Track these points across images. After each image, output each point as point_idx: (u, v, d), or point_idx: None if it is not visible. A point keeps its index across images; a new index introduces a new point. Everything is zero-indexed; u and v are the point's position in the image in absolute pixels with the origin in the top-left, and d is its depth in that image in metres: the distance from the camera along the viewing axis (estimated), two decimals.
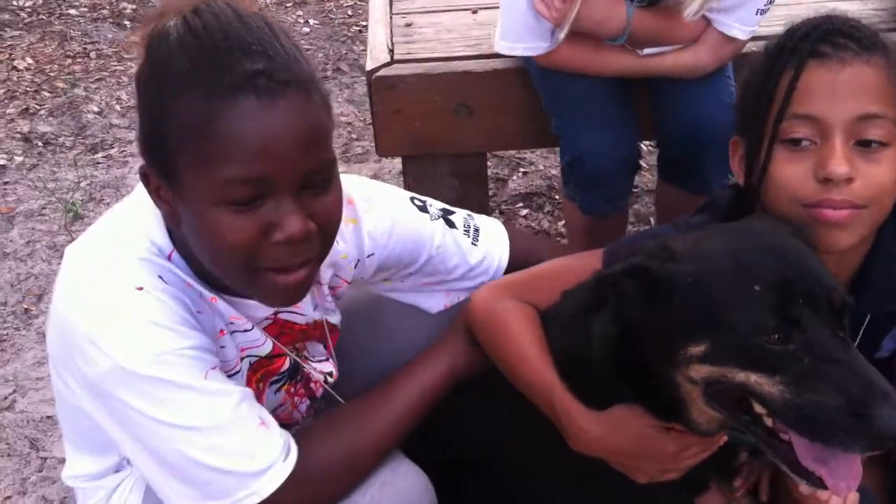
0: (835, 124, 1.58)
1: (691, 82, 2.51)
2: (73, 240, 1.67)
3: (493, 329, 1.81)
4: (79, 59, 4.93)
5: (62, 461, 1.87)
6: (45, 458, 2.63)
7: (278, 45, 1.43)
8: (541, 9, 2.39)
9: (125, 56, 4.95)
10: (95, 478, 1.76)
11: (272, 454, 1.56)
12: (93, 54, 4.99)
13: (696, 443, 1.58)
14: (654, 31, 2.46)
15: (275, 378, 1.79)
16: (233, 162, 1.38)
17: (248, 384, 1.71)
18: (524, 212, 3.74)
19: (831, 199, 1.58)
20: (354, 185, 1.84)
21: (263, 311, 1.70)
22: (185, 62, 1.40)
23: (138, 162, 1.54)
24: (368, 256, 1.87)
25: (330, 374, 1.91)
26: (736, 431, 1.53)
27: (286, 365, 1.79)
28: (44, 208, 3.76)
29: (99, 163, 4.08)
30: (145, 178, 1.50)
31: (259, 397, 1.72)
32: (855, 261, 1.74)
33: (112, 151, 4.16)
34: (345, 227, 1.73)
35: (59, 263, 1.60)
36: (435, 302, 2.07)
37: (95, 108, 4.49)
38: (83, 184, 3.91)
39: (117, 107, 4.51)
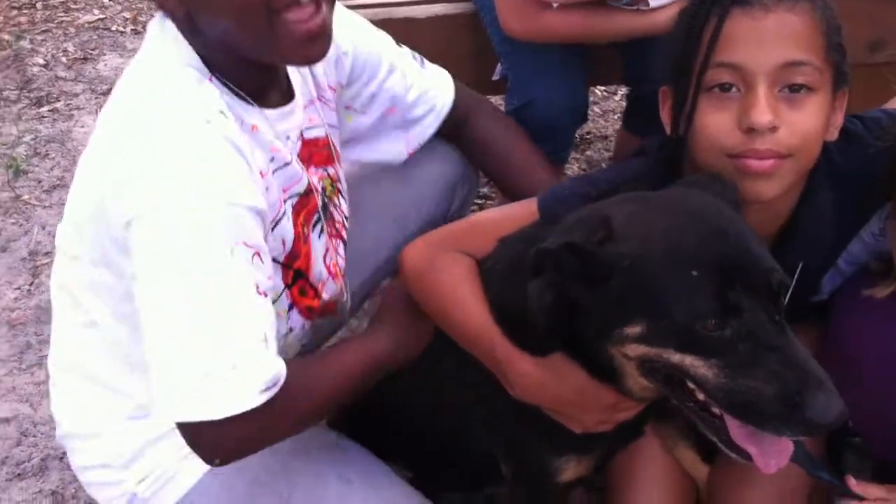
0: (758, 72, 1.55)
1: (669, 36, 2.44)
2: (16, 196, 1.64)
3: (430, 280, 1.80)
4: (25, 11, 4.81)
5: None
6: None
7: None
8: None
9: (73, 6, 4.83)
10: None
11: (253, 377, 1.49)
12: (39, 5, 4.87)
13: (629, 399, 1.58)
14: None
15: (315, 218, 1.80)
16: None
17: (296, 229, 1.72)
18: None
19: (755, 149, 1.56)
20: None
21: (296, 121, 1.73)
22: None
23: (84, 116, 1.52)
24: (344, 53, 1.92)
25: (346, 218, 1.96)
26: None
27: (319, 201, 1.81)
28: None
29: (44, 117, 3.98)
30: None
31: (307, 244, 1.75)
32: (786, 209, 1.73)
33: (58, 105, 4.06)
34: None
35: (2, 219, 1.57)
36: (397, 149, 2.12)
37: (41, 61, 4.38)
38: (27, 138, 3.83)
39: (63, 59, 4.41)
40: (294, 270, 1.76)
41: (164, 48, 1.60)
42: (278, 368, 1.53)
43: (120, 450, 1.77)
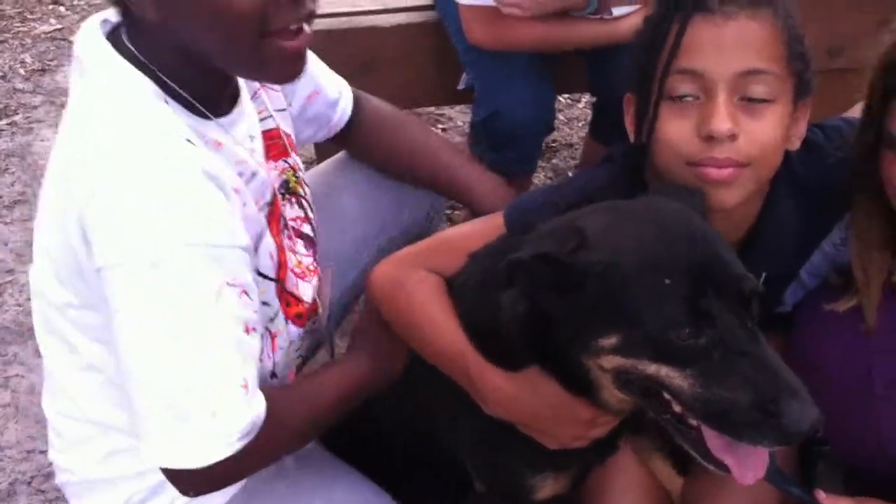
0: (718, 80, 1.55)
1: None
2: None
3: (399, 299, 1.78)
4: None
5: None
6: None
7: None
8: None
9: (29, 17, 4.77)
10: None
11: (233, 424, 1.49)
12: None
13: (606, 413, 1.56)
14: None
15: (282, 224, 1.78)
16: None
17: (276, 241, 1.70)
18: None
19: (714, 157, 1.56)
20: None
21: (251, 118, 1.70)
22: None
23: (44, 129, 1.47)
24: None
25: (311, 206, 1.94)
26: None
27: (285, 209, 1.81)
28: None
29: (2, 130, 3.92)
30: None
31: (282, 251, 1.72)
32: (749, 218, 1.72)
33: (16, 118, 4.00)
34: None
35: None
36: (320, 134, 2.12)
37: None
38: None
39: (21, 70, 4.35)
40: (279, 283, 1.74)
41: (112, 69, 1.52)
42: (257, 412, 1.52)
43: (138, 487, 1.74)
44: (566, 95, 3.90)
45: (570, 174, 3.52)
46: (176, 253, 1.41)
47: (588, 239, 1.43)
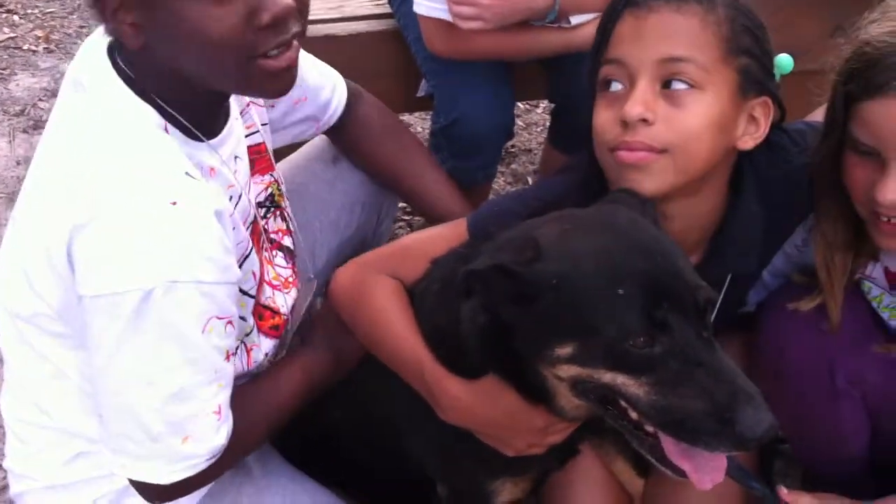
0: (639, 66, 1.59)
1: None
2: None
3: (360, 303, 1.79)
4: None
5: None
6: None
7: None
8: (463, 11, 2.31)
9: None
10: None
11: (202, 448, 1.56)
12: None
13: (561, 421, 1.58)
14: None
15: (262, 240, 1.80)
16: None
17: (259, 258, 1.74)
18: None
19: (626, 141, 1.59)
20: None
21: (237, 136, 1.70)
22: None
23: None
24: None
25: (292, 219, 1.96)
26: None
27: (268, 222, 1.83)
28: None
29: None
30: (100, 4, 1.45)
31: (262, 267, 1.76)
32: (713, 218, 1.75)
33: None
34: None
35: None
36: (309, 132, 2.16)
37: None
38: None
39: None
40: (254, 298, 1.76)
41: (115, 96, 1.53)
42: (227, 435, 1.59)
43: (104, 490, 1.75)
44: (524, 101, 3.92)
45: (529, 179, 3.54)
46: (166, 289, 1.42)
47: (543, 249, 1.44)
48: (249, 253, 1.70)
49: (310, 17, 2.69)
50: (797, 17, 2.79)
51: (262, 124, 1.89)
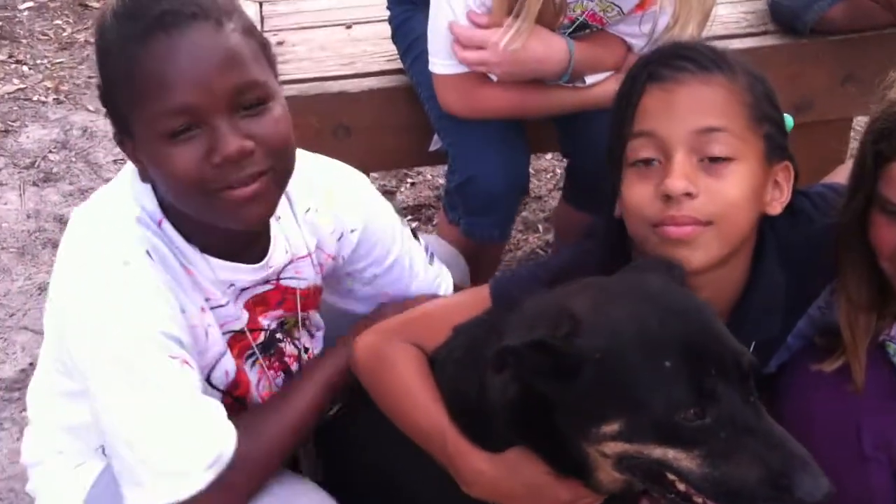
0: (674, 140, 1.59)
1: (606, 110, 2.46)
2: None
3: (381, 372, 1.78)
4: None
5: None
6: None
7: None
8: (469, 57, 2.33)
9: None
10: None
11: (196, 460, 1.59)
12: None
13: (590, 494, 1.55)
14: (591, 61, 2.41)
15: (248, 352, 1.84)
16: (158, 96, 1.50)
17: (236, 361, 1.81)
18: (413, 224, 3.67)
19: (673, 216, 1.59)
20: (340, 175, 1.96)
21: (264, 272, 1.77)
22: (113, 21, 1.56)
23: (7, 192, 1.59)
24: (352, 231, 1.93)
25: (306, 349, 1.96)
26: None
27: (260, 338, 1.86)
28: None
29: None
30: (120, 142, 1.63)
31: (242, 373, 1.82)
32: (736, 285, 1.74)
33: None
34: (325, 199, 1.86)
35: None
36: None
37: None
38: None
39: None
40: (234, 398, 1.81)
41: (125, 186, 1.70)
42: (223, 446, 1.62)
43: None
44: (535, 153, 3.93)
45: (539, 226, 3.54)
46: (122, 342, 1.58)
47: (581, 323, 1.42)
48: (224, 353, 1.78)
49: (322, 74, 2.77)
50: (806, 68, 2.81)
51: (309, 279, 1.90)
